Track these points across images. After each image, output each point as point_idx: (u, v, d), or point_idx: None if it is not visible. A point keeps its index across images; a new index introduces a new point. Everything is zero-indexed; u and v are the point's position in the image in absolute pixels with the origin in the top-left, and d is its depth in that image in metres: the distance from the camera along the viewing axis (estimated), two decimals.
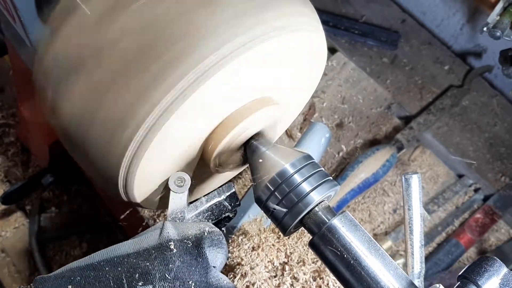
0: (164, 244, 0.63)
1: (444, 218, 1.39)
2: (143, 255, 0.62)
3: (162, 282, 0.60)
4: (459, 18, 1.59)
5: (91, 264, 0.62)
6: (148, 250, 0.63)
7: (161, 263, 0.61)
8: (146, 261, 0.62)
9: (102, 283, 0.60)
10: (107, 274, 0.61)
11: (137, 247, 0.64)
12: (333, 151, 1.42)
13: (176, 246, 0.63)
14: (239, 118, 0.75)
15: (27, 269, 1.29)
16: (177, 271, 0.61)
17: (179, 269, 0.61)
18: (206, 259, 0.64)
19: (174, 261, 0.62)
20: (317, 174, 0.72)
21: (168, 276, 0.60)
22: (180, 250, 0.63)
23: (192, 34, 0.65)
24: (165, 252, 0.62)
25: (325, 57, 0.87)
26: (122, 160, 0.70)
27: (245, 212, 1.12)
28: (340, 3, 1.71)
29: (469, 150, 1.49)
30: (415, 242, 0.69)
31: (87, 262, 0.63)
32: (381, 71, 1.60)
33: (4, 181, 1.38)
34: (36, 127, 1.22)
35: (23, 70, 1.06)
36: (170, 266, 0.61)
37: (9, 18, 0.78)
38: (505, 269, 0.60)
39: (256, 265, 0.88)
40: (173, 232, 0.65)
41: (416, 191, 0.70)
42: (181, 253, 0.63)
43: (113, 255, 0.63)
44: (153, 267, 0.61)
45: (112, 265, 0.62)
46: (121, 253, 0.63)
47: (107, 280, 0.60)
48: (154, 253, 0.62)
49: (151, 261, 0.61)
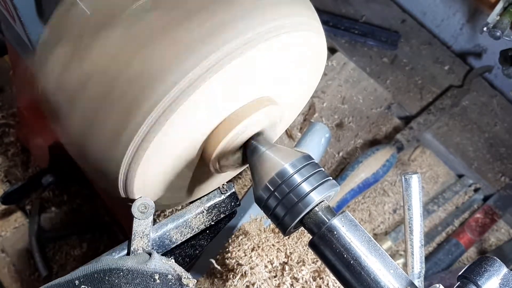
0: (149, 273, 0.66)
1: (444, 218, 1.39)
2: (126, 277, 0.64)
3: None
4: (459, 18, 1.59)
5: (70, 281, 0.63)
6: (132, 272, 0.65)
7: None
8: (129, 284, 0.63)
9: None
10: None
11: (121, 263, 0.65)
12: (333, 151, 1.42)
13: (160, 278, 0.66)
14: (238, 118, 0.75)
15: (27, 269, 1.29)
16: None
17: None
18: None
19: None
20: (317, 174, 0.72)
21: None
22: (163, 284, 0.66)
23: (192, 35, 0.65)
24: (149, 281, 0.65)
25: (325, 57, 0.87)
26: (122, 161, 0.70)
27: (245, 212, 1.12)
28: (340, 3, 1.71)
29: (469, 150, 1.49)
30: (415, 242, 0.69)
31: (67, 279, 0.64)
32: (381, 71, 1.60)
33: (4, 181, 1.38)
34: (36, 127, 1.22)
35: (23, 70, 1.06)
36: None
37: (9, 18, 0.78)
38: (505, 269, 0.60)
39: (256, 265, 0.88)
40: (160, 265, 0.67)
41: (416, 191, 0.70)
42: (163, 286, 0.65)
43: (94, 270, 0.64)
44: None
45: (94, 282, 0.63)
46: (103, 267, 0.64)
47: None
48: (138, 278, 0.64)
49: (134, 285, 0.63)
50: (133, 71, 0.66)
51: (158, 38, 0.66)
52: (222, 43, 0.66)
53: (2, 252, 1.32)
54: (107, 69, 0.67)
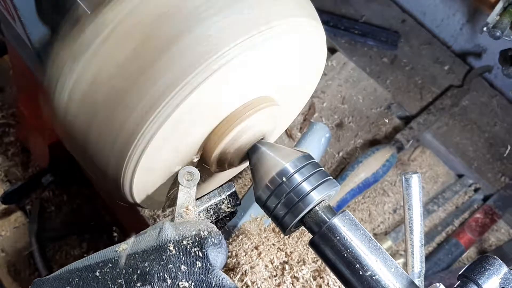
0: (163, 245, 0.63)
1: (444, 218, 1.39)
2: (142, 256, 0.62)
3: (161, 282, 0.60)
4: (459, 18, 1.59)
5: (89, 265, 0.62)
6: (146, 251, 0.63)
7: (160, 264, 0.61)
8: (145, 262, 0.61)
9: (100, 284, 0.60)
10: (106, 275, 0.61)
11: (135, 248, 0.64)
12: (333, 151, 1.42)
13: (175, 247, 0.63)
14: (239, 118, 0.75)
15: (27, 269, 1.29)
16: (176, 272, 0.61)
17: (178, 270, 0.61)
18: (207, 258, 0.63)
19: (173, 261, 0.62)
20: (317, 174, 0.72)
21: (167, 277, 0.60)
22: (179, 251, 0.63)
23: (192, 35, 0.65)
24: (163, 253, 0.62)
25: (325, 57, 0.87)
26: (122, 160, 0.70)
27: (245, 212, 1.12)
28: (340, 3, 1.71)
29: (469, 150, 1.49)
30: (415, 241, 0.69)
31: (85, 263, 0.63)
32: (381, 71, 1.60)
33: (4, 181, 1.38)
34: (36, 127, 1.22)
35: (23, 70, 1.06)
36: (169, 267, 0.61)
37: (9, 18, 0.78)
38: (505, 269, 0.60)
39: (256, 264, 0.88)
40: (172, 233, 0.64)
41: (416, 191, 0.70)
42: (180, 254, 0.62)
43: (111, 256, 0.63)
44: (152, 267, 0.61)
45: (110, 266, 0.62)
46: (119, 254, 0.63)
47: (105, 281, 0.60)
48: (152, 254, 0.62)
49: (149, 261, 0.61)
50: (133, 72, 0.66)
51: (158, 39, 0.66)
52: (222, 43, 0.66)
53: (2, 252, 1.32)
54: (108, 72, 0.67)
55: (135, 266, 0.61)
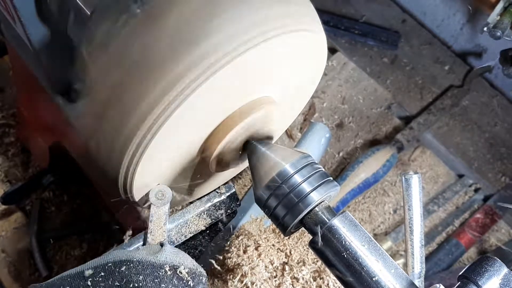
0: (160, 265, 0.65)
1: (444, 218, 1.39)
2: (137, 268, 0.63)
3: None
4: (459, 18, 1.59)
5: (81, 272, 0.63)
6: (142, 263, 0.64)
7: (154, 281, 0.63)
8: (140, 275, 0.63)
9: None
10: (97, 285, 0.62)
11: (131, 255, 0.65)
12: (333, 151, 1.42)
13: (171, 270, 0.65)
14: (238, 118, 0.75)
15: (27, 269, 1.29)
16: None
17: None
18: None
19: (166, 282, 0.64)
20: (317, 174, 0.72)
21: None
22: (174, 275, 0.65)
23: (192, 35, 0.65)
24: (159, 272, 0.64)
25: (325, 57, 0.87)
26: (123, 160, 0.70)
27: (245, 212, 1.12)
28: (340, 3, 1.71)
29: (469, 150, 1.49)
30: (415, 242, 0.69)
31: (78, 270, 0.63)
32: (381, 71, 1.60)
33: (4, 181, 1.38)
34: (36, 127, 1.22)
35: (23, 70, 1.06)
36: (162, 286, 0.63)
37: (9, 18, 0.78)
38: (505, 269, 0.60)
39: (256, 265, 0.88)
40: (171, 257, 0.67)
41: (416, 191, 0.70)
42: (174, 277, 0.65)
43: (104, 262, 0.63)
44: (146, 283, 0.63)
45: (104, 274, 0.62)
46: (114, 259, 0.64)
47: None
48: (148, 269, 0.64)
49: (144, 276, 0.63)
50: (133, 72, 0.66)
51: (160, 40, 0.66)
52: (222, 43, 0.66)
53: (2, 252, 1.32)
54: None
55: (129, 277, 0.63)
